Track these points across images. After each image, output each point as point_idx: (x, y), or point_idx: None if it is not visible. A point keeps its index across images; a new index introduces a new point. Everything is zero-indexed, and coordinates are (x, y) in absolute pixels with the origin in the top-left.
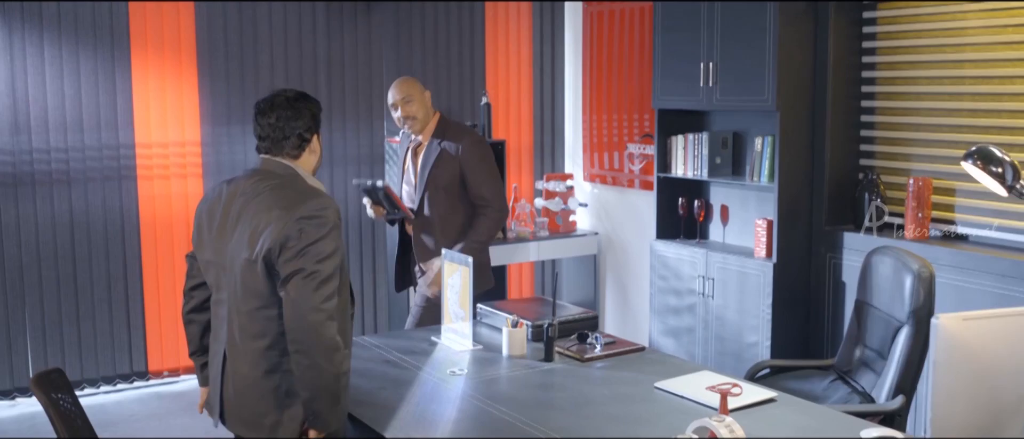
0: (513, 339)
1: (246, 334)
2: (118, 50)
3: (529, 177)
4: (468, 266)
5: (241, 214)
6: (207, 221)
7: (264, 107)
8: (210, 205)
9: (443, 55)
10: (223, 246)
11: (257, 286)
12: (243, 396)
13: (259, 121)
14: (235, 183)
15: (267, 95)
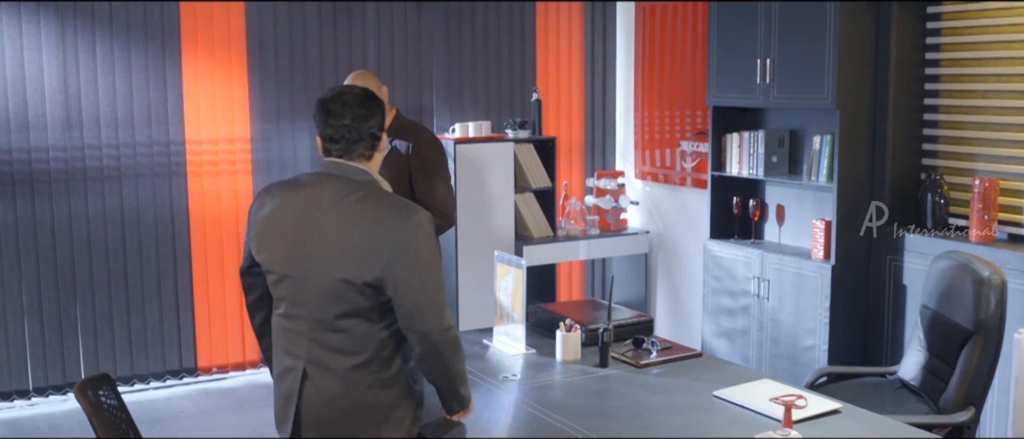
0: (567, 344)
1: (335, 351)
2: (169, 47)
3: (580, 174)
4: (521, 268)
5: (327, 227)
6: (274, 232)
7: (337, 107)
8: (274, 214)
9: (493, 51)
10: (304, 260)
11: (356, 303)
12: (333, 415)
13: (331, 122)
14: (304, 190)
15: (329, 94)
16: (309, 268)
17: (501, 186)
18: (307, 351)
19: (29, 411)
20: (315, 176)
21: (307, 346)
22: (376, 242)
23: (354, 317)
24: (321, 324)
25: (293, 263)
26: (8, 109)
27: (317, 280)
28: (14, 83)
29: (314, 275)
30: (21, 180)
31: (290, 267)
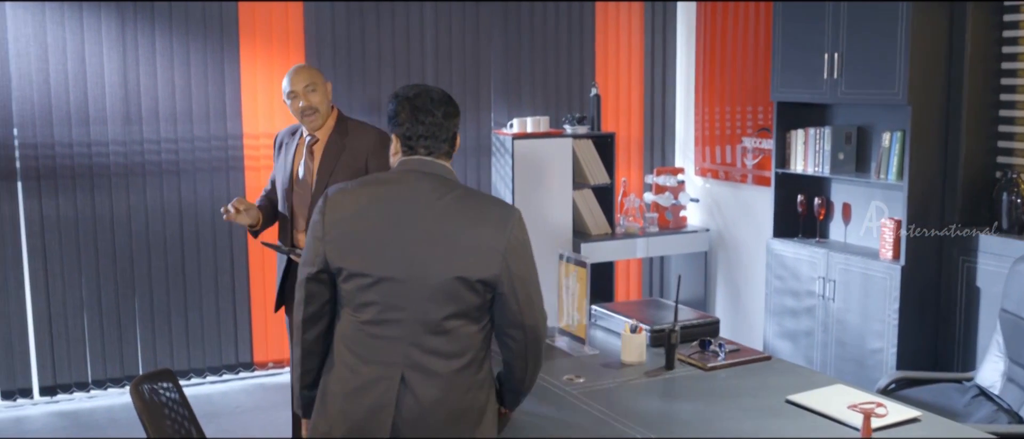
0: (632, 345)
1: (438, 354)
2: (227, 42)
3: (638, 171)
4: (585, 267)
5: (434, 226)
6: (365, 233)
7: (425, 104)
8: (361, 215)
9: (551, 46)
10: (409, 261)
11: (466, 302)
12: (433, 421)
13: (420, 119)
14: (394, 189)
15: (412, 91)
16: (415, 269)
17: (559, 182)
18: (404, 357)
19: (88, 404)
20: (403, 174)
21: (405, 351)
22: (490, 239)
23: (460, 317)
24: (425, 326)
25: (394, 265)
26: (69, 104)
27: (426, 281)
28: (75, 78)
29: (422, 276)
30: (81, 174)
31: (390, 269)
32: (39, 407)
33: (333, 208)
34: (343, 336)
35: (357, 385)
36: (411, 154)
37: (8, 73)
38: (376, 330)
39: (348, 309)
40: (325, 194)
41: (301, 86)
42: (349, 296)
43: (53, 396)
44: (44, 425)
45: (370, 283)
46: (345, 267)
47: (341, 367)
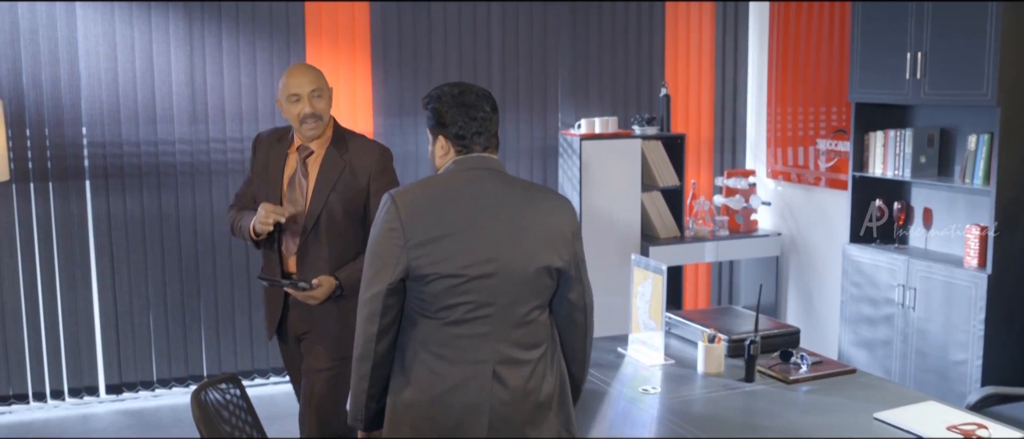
0: (710, 355)
1: (523, 346)
2: (293, 42)
3: (708, 173)
4: (661, 274)
5: (513, 220)
6: (450, 236)
7: (473, 100)
8: (440, 219)
9: (620, 45)
10: (497, 257)
11: (545, 292)
12: (523, 412)
13: (473, 115)
14: (465, 188)
15: (455, 89)
16: (503, 265)
17: (627, 184)
18: (494, 352)
19: (153, 402)
20: (468, 172)
21: (494, 347)
22: (561, 226)
23: (540, 308)
24: (513, 320)
25: (484, 263)
26: (136, 103)
27: (514, 275)
28: (143, 77)
29: (510, 270)
30: (148, 173)
31: (481, 268)
32: (105, 405)
33: (409, 214)
34: (423, 341)
35: (446, 388)
36: (466, 152)
37: (78, 72)
38: (464, 329)
39: (426, 313)
40: (390, 201)
41: (307, 89)
42: (432, 300)
43: (119, 394)
44: (109, 423)
45: (460, 283)
46: (435, 272)
47: (423, 373)
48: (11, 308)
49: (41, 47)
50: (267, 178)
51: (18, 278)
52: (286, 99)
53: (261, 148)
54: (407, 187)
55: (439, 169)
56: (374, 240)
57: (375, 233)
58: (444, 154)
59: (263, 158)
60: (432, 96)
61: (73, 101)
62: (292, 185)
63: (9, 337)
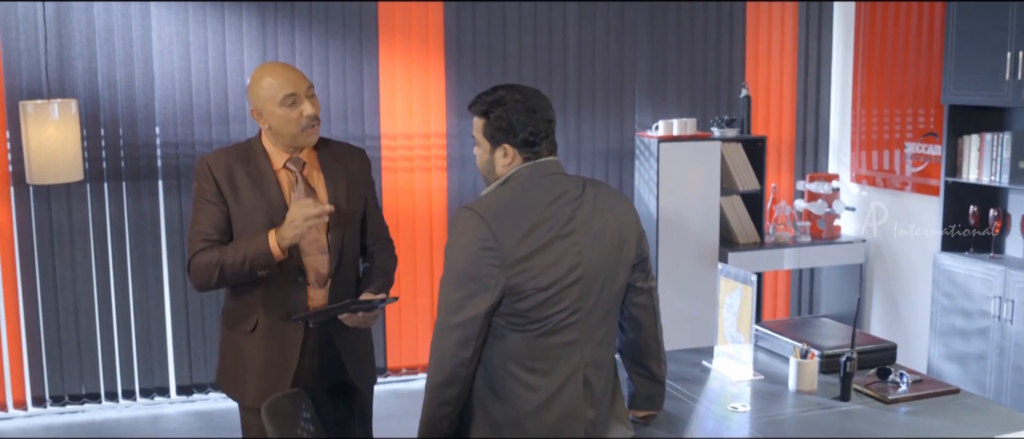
0: (803, 372)
1: (605, 346)
2: (366, 41)
3: (789, 176)
4: (751, 284)
5: (594, 223)
6: (546, 248)
7: (539, 101)
8: (533, 232)
9: (699, 45)
10: (586, 263)
11: (620, 292)
12: (605, 412)
13: (538, 118)
14: (544, 195)
15: (516, 93)
16: (588, 267)
17: (706, 188)
18: (582, 358)
19: (223, 404)
20: (542, 179)
21: (583, 351)
22: (630, 221)
23: (617, 306)
24: (596, 322)
25: (573, 269)
26: (209, 102)
27: (598, 276)
28: (216, 77)
29: (595, 272)
30: None
31: (571, 274)
32: (175, 406)
33: (501, 229)
34: (513, 356)
35: (541, 401)
36: (534, 157)
37: (151, 72)
38: (555, 339)
39: (517, 327)
40: (476, 216)
41: (304, 87)
42: (525, 313)
43: (189, 395)
44: (180, 424)
45: (554, 294)
46: (533, 287)
47: (515, 388)
48: (84, 308)
49: (116, 47)
50: (258, 207)
51: (91, 278)
52: (279, 103)
53: (221, 175)
54: (486, 200)
55: (500, 177)
56: (465, 260)
57: (464, 252)
58: (508, 162)
59: (230, 187)
60: (493, 102)
61: (147, 101)
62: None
63: (82, 337)
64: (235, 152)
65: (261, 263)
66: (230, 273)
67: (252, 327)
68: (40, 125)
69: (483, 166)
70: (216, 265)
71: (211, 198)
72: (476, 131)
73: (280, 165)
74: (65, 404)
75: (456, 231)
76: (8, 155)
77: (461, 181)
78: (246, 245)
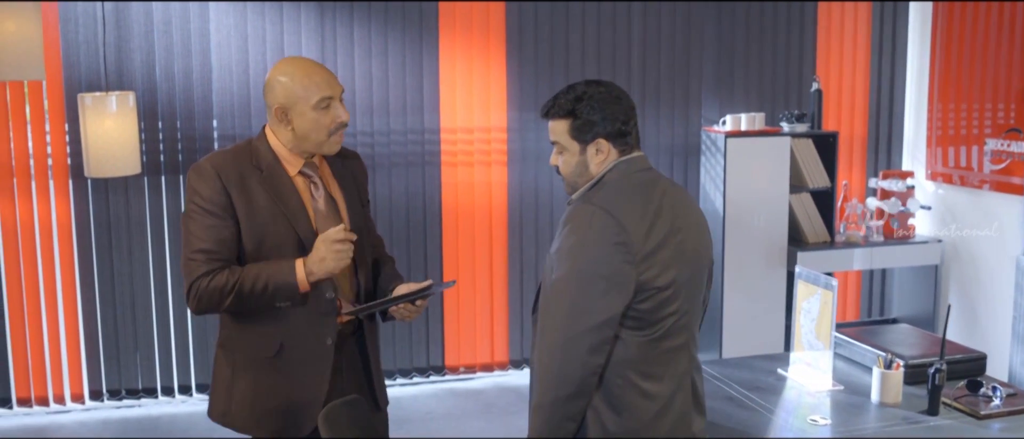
0: (887, 383)
1: (699, 348)
2: (426, 34)
3: (861, 173)
4: (831, 290)
5: (689, 221)
6: (670, 247)
7: (626, 96)
8: (656, 228)
9: (769, 36)
10: (692, 261)
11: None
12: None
13: (628, 106)
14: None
15: (604, 87)
16: (697, 267)
17: (775, 185)
18: (689, 361)
19: None
20: (643, 173)
21: (689, 355)
22: (706, 224)
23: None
24: (697, 323)
25: (687, 267)
26: None
27: (700, 276)
28: None
29: (697, 271)
30: None
31: (683, 273)
32: None
33: (630, 223)
34: (631, 362)
35: (657, 410)
36: (628, 150)
37: (209, 64)
38: (668, 343)
39: (634, 330)
40: (601, 211)
41: (339, 91)
42: (644, 315)
43: None
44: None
45: (672, 293)
46: (656, 286)
47: (634, 398)
48: (141, 302)
49: (174, 39)
50: (277, 216)
51: (149, 272)
52: (314, 105)
53: (231, 181)
54: (603, 195)
55: (594, 177)
56: (596, 258)
57: (594, 249)
58: (603, 158)
59: (243, 196)
60: (576, 99)
61: (204, 93)
62: (319, 214)
63: (140, 331)
64: (240, 155)
65: (284, 295)
66: (246, 302)
67: (275, 352)
68: (98, 118)
69: (573, 171)
70: (230, 291)
71: (217, 209)
72: (559, 135)
73: (295, 171)
74: (122, 398)
75: (579, 228)
76: (67, 148)
77: (522, 176)
78: (268, 273)
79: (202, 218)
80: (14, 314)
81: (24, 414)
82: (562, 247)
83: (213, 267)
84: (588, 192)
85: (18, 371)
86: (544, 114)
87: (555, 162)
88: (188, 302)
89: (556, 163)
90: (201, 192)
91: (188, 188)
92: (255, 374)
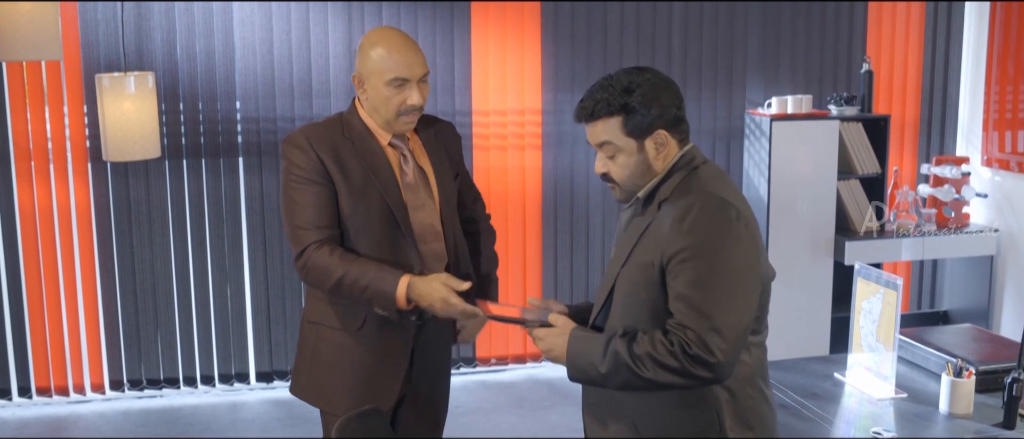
0: (958, 392)
1: None
2: (458, 10)
3: (912, 159)
4: (896, 289)
5: None
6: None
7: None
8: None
9: (817, 15)
10: None
11: None
12: None
13: (679, 91)
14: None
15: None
16: None
17: (822, 170)
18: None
19: None
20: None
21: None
22: None
23: None
24: None
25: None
26: (292, 76)
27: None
28: (299, 48)
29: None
30: None
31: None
32: (255, 393)
33: (750, 214)
34: (756, 369)
35: (775, 419)
36: (685, 138)
37: (232, 43)
38: (763, 343)
39: (754, 333)
40: (733, 207)
41: (420, 73)
42: (760, 315)
43: (269, 382)
44: (259, 412)
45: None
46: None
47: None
48: (162, 290)
49: (195, 17)
50: (370, 188)
51: (170, 259)
52: (387, 82)
53: (325, 150)
54: (719, 190)
55: (659, 173)
56: (750, 256)
57: (747, 248)
58: (665, 151)
59: (337, 165)
60: (625, 90)
61: (227, 74)
62: (408, 187)
63: (161, 320)
64: (332, 126)
65: (381, 303)
66: (346, 292)
67: (360, 324)
68: (116, 99)
69: (632, 173)
70: (337, 278)
71: (316, 177)
72: (610, 136)
73: (386, 142)
74: (143, 389)
75: (723, 226)
76: (86, 130)
77: (557, 160)
78: (373, 276)
79: (300, 187)
80: (33, 302)
81: (44, 404)
82: (706, 248)
83: (322, 236)
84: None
85: (37, 360)
86: (585, 117)
87: (605, 169)
88: (298, 270)
89: (606, 169)
90: (297, 162)
91: (284, 159)
92: (339, 347)
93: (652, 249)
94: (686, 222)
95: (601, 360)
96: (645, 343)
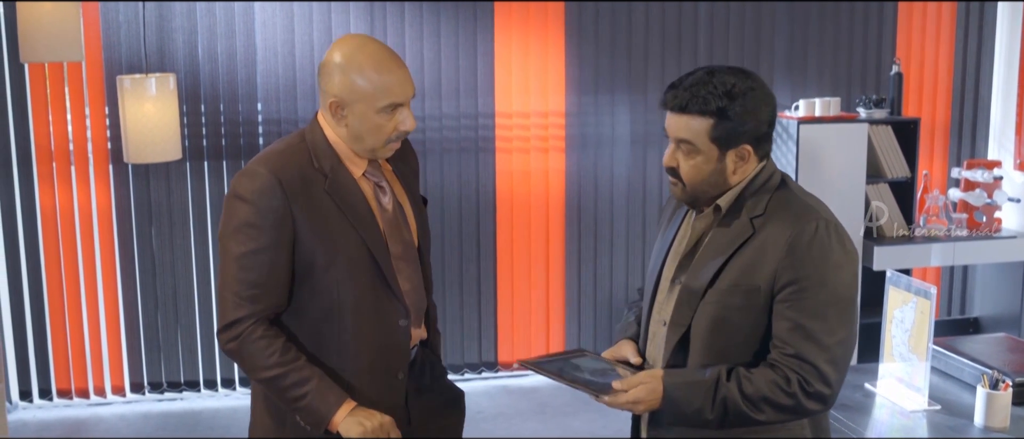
0: (994, 405)
1: None
2: (480, 10)
3: (942, 163)
4: (929, 299)
5: None
6: None
7: None
8: None
9: (845, 15)
10: None
11: None
12: None
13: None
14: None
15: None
16: None
17: (850, 175)
18: None
19: None
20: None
21: None
22: None
23: None
24: None
25: None
26: (314, 77)
27: None
28: (321, 49)
29: None
30: None
31: None
32: None
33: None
34: None
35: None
36: (767, 156)
37: (254, 45)
38: None
39: None
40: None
41: (410, 94)
42: None
43: None
44: None
45: None
46: None
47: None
48: (184, 292)
49: (217, 18)
50: (347, 231)
51: (191, 261)
52: (379, 110)
53: (294, 190)
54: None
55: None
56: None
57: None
58: (745, 167)
59: (307, 208)
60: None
61: (248, 75)
62: (388, 224)
63: (182, 322)
64: (297, 155)
65: (311, 419)
66: (276, 388)
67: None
68: (138, 101)
69: (704, 179)
70: (271, 376)
71: (272, 229)
72: (693, 135)
73: (359, 172)
74: (163, 392)
75: (840, 252)
76: (107, 132)
77: (581, 163)
78: (315, 387)
79: (248, 237)
80: (54, 304)
81: (64, 406)
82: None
83: (267, 310)
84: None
85: (58, 362)
86: (676, 107)
87: (674, 163)
88: (219, 341)
89: (675, 164)
90: (256, 204)
91: (234, 197)
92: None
93: (758, 273)
94: (806, 247)
95: (709, 407)
96: (759, 385)
